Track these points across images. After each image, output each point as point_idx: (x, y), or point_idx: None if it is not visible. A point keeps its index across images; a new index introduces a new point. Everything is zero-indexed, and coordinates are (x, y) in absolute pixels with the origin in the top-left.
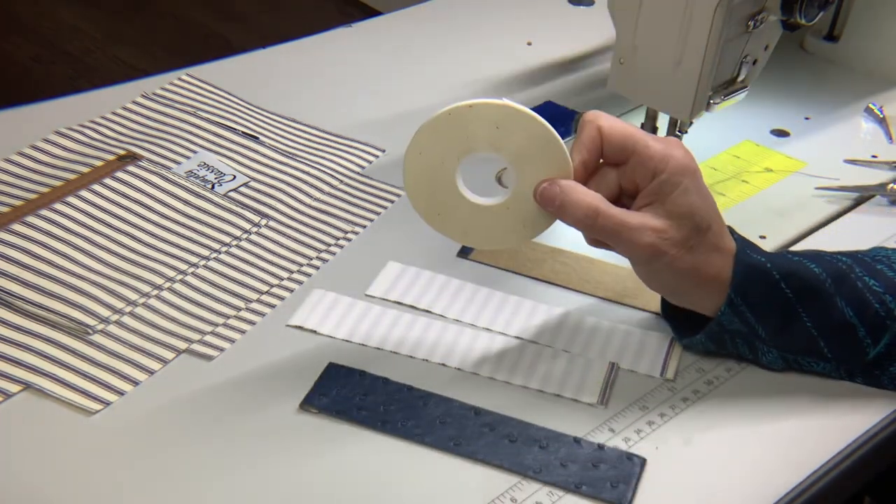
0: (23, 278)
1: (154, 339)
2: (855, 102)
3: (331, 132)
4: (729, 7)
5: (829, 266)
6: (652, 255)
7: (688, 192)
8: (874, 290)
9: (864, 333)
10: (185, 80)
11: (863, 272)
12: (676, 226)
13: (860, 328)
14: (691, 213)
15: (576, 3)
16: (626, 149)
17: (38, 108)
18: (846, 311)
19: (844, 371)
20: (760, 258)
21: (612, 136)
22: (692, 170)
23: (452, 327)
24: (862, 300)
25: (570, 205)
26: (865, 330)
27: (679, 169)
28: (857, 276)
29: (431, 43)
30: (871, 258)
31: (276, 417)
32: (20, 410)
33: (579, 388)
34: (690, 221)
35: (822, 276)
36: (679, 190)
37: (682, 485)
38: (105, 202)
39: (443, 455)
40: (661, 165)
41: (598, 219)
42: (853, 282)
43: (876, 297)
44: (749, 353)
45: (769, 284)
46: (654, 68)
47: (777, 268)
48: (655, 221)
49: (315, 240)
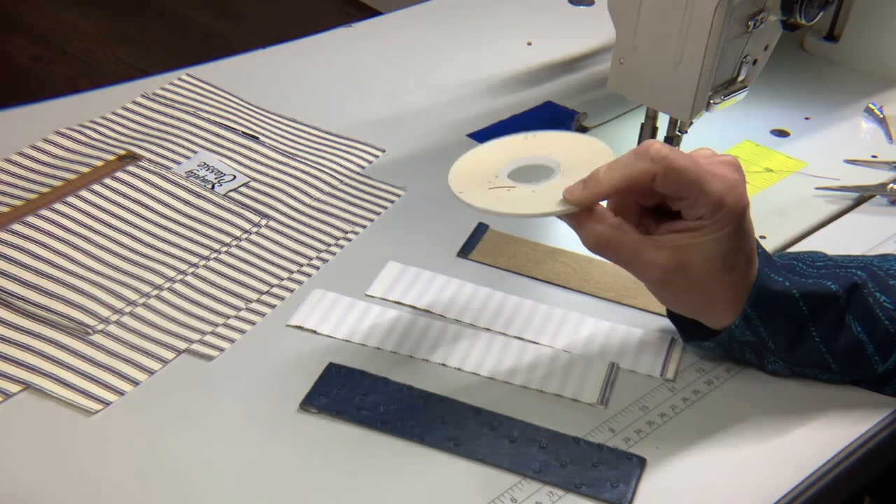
0: (23, 278)
1: (154, 339)
2: (855, 102)
3: (331, 132)
4: (729, 7)
5: (844, 282)
6: (658, 286)
7: (724, 239)
8: (885, 306)
9: (872, 350)
10: (185, 80)
11: (875, 287)
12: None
13: (868, 345)
14: (719, 257)
15: (576, 3)
16: (682, 195)
17: (38, 108)
18: (854, 327)
19: (850, 383)
20: (782, 280)
21: (670, 182)
22: (738, 215)
23: (452, 327)
24: (872, 317)
25: (583, 228)
26: (874, 347)
27: (725, 216)
28: (869, 291)
29: (431, 43)
30: (884, 271)
31: (276, 417)
32: (20, 410)
33: (579, 388)
34: (715, 264)
35: (839, 294)
36: (717, 235)
37: (682, 485)
38: (105, 202)
39: (443, 455)
40: (710, 213)
41: (608, 250)
42: (864, 297)
43: (886, 314)
44: (756, 360)
45: (789, 303)
46: (654, 68)
47: (796, 286)
48: (668, 261)
49: (315, 240)
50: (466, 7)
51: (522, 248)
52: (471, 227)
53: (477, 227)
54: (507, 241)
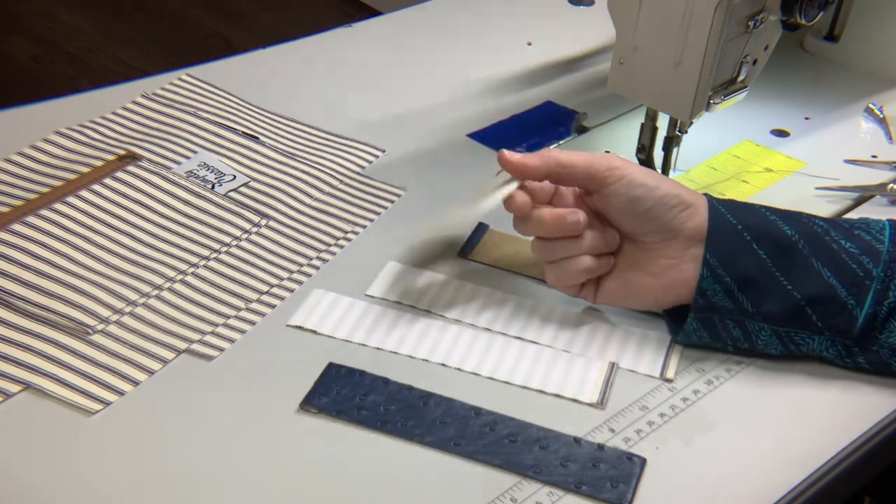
0: (23, 278)
1: (154, 339)
2: (855, 102)
3: (331, 132)
4: (729, 7)
5: (803, 227)
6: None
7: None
8: (850, 251)
9: (845, 294)
10: (185, 80)
11: (839, 235)
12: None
13: (840, 289)
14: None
15: (576, 3)
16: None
17: (38, 108)
18: (823, 272)
19: (841, 346)
20: (731, 220)
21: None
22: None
23: (452, 327)
24: (838, 261)
25: (528, 156)
26: (846, 290)
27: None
28: (832, 238)
29: (431, 43)
30: (849, 225)
31: (276, 417)
32: (20, 410)
33: (579, 388)
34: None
35: (795, 237)
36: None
37: (682, 485)
38: (105, 202)
39: (443, 455)
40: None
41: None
42: (828, 244)
43: (852, 258)
44: (744, 339)
45: (742, 247)
46: (654, 68)
47: (747, 229)
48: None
49: (315, 240)
50: (466, 7)
51: (522, 248)
52: (471, 228)
53: (477, 227)
54: (508, 241)
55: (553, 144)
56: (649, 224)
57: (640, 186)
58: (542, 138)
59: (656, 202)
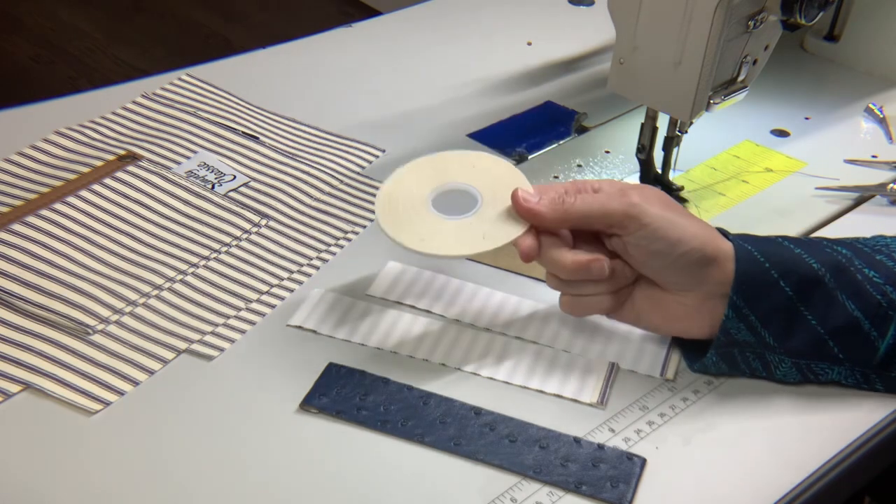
0: (23, 278)
1: (154, 339)
2: (855, 102)
3: (331, 132)
4: (729, 7)
5: (827, 259)
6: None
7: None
8: (874, 281)
9: (868, 326)
10: (185, 80)
11: (862, 264)
12: None
13: (864, 321)
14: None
15: (576, 3)
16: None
17: (38, 108)
18: (848, 305)
19: (860, 375)
20: (759, 258)
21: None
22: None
23: (452, 327)
24: (863, 293)
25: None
26: (870, 323)
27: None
28: (856, 268)
29: (431, 43)
30: (870, 248)
31: (276, 417)
32: (20, 410)
33: (579, 388)
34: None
35: (822, 272)
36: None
37: (682, 485)
38: (105, 202)
39: (443, 455)
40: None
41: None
42: (853, 274)
43: (877, 289)
44: (762, 369)
45: (768, 284)
46: (654, 68)
47: (775, 266)
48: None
49: (315, 240)
50: (466, 7)
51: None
52: None
53: None
54: None
55: (553, 144)
56: (668, 276)
57: (660, 240)
58: (542, 138)
59: (676, 259)
